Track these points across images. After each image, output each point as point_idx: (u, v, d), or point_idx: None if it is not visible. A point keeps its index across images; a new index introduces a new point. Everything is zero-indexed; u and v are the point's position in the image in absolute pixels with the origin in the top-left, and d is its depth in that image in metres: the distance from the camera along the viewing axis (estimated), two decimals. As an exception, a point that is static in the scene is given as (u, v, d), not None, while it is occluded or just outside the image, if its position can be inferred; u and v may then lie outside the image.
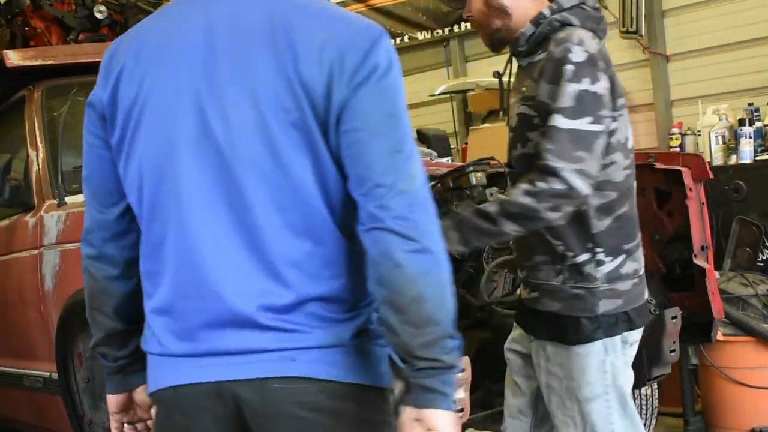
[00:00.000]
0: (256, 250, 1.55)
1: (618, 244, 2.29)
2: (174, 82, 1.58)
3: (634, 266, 2.33)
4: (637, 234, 2.35)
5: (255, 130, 1.53)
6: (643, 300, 2.36)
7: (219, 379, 1.57)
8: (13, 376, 3.88)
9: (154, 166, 1.60)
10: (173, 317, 1.61)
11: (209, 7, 1.60)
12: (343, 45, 1.51)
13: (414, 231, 1.48)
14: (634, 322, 2.32)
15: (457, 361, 1.55)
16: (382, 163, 1.50)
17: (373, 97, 1.51)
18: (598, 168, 2.18)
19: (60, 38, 5.10)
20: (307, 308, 1.55)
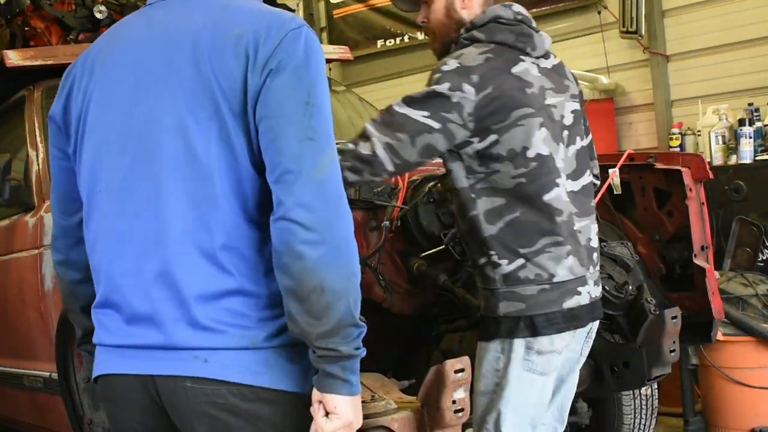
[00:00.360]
0: (170, 243, 1.60)
1: (512, 247, 2.33)
2: (109, 91, 1.68)
3: (538, 271, 2.33)
4: (539, 240, 2.33)
5: (173, 128, 1.59)
6: (557, 308, 2.34)
7: (140, 372, 1.63)
8: (13, 376, 3.88)
9: (91, 170, 1.69)
10: (107, 311, 1.69)
11: (151, 18, 1.70)
12: (258, 35, 1.57)
13: (317, 221, 1.51)
14: (537, 329, 2.33)
15: (357, 349, 1.58)
16: (292, 150, 1.53)
17: (287, 85, 1.54)
18: (412, 155, 2.26)
19: (60, 38, 5.09)
20: (222, 303, 1.58)
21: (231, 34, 1.58)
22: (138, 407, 1.67)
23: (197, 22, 1.64)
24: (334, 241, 1.52)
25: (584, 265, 2.42)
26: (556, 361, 2.39)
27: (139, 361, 1.64)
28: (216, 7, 1.66)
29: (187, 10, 1.68)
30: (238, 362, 1.58)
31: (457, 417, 2.28)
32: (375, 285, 3.19)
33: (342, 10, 8.67)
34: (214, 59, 1.58)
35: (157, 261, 1.61)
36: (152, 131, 1.62)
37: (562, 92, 2.45)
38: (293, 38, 1.58)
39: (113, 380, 1.70)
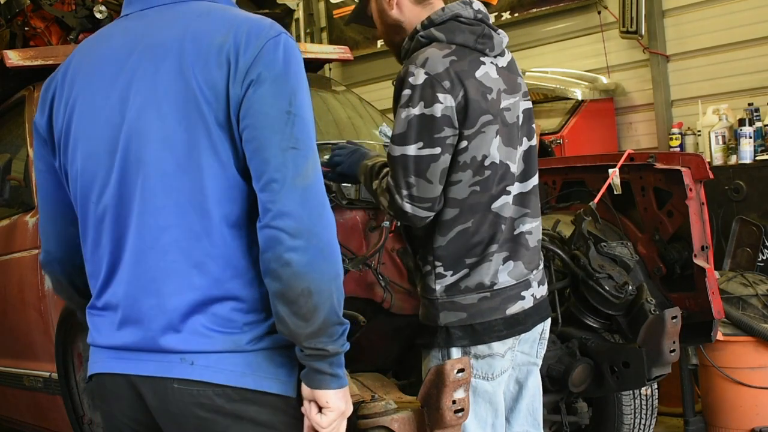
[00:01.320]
0: (159, 251, 1.64)
1: (458, 258, 2.31)
2: (92, 104, 1.70)
3: (479, 280, 2.31)
4: (484, 249, 2.31)
5: (160, 139, 1.62)
6: (499, 315, 2.32)
7: (128, 372, 1.69)
8: (13, 376, 3.88)
9: (82, 183, 1.72)
10: (102, 312, 1.75)
11: (129, 29, 1.73)
12: (239, 44, 1.60)
13: (302, 228, 1.56)
14: (477, 337, 2.32)
15: (343, 345, 1.65)
16: (276, 159, 1.57)
17: (269, 95, 1.58)
18: (434, 188, 2.24)
19: (60, 38, 5.10)
20: (209, 309, 1.63)
21: (213, 43, 1.62)
22: (128, 405, 1.73)
23: (178, 31, 1.66)
24: (319, 246, 1.58)
25: (529, 269, 2.39)
26: (498, 364, 2.36)
27: (128, 362, 1.69)
28: (194, 15, 1.69)
29: (165, 20, 1.70)
30: (223, 365, 1.64)
31: (457, 417, 2.28)
32: (375, 285, 3.19)
33: (342, 10, 8.67)
34: (197, 69, 1.61)
35: (147, 269, 1.66)
36: (140, 142, 1.65)
37: (515, 92, 2.39)
38: (272, 47, 1.61)
39: (105, 379, 1.76)
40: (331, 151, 2.69)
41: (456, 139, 2.25)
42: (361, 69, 8.01)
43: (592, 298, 3.14)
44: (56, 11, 5.04)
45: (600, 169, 3.55)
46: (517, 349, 2.44)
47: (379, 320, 3.17)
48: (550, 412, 3.35)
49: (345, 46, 5.08)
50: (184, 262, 1.63)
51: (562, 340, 3.22)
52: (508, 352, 2.38)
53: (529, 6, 7.06)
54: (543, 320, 2.47)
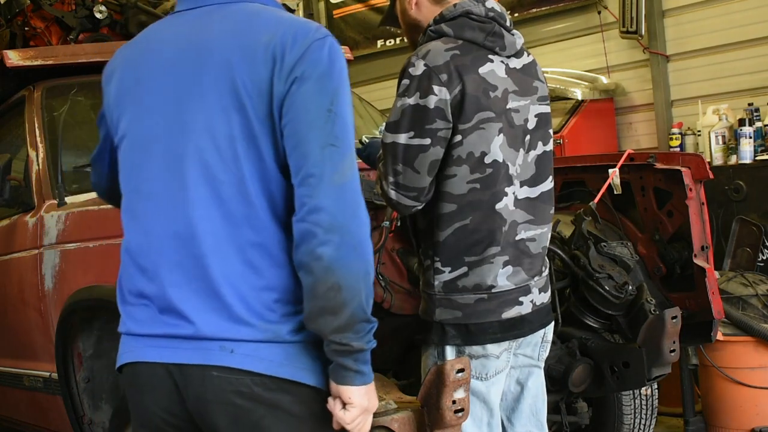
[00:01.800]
0: (204, 241, 1.69)
1: (457, 255, 2.32)
2: (141, 97, 1.78)
3: (478, 281, 2.31)
4: (485, 249, 2.31)
5: (204, 130, 1.68)
6: (494, 318, 2.33)
7: (168, 361, 1.71)
8: (13, 376, 3.88)
9: (130, 170, 1.81)
10: (141, 300, 1.77)
11: (179, 26, 1.80)
12: (285, 43, 1.65)
13: (336, 224, 1.61)
14: (472, 337, 2.32)
15: (368, 343, 1.70)
16: (315, 155, 1.62)
17: (312, 93, 1.63)
18: (421, 179, 2.26)
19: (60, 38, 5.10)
20: (251, 298, 1.67)
21: (259, 40, 1.67)
22: (164, 394, 1.75)
23: (226, 28, 1.72)
24: (352, 243, 1.62)
25: (530, 275, 2.39)
26: (492, 365, 2.37)
27: (168, 350, 1.72)
28: (243, 15, 1.74)
29: (215, 19, 1.76)
30: (262, 354, 1.67)
31: (457, 417, 2.28)
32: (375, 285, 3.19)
33: (342, 10, 8.67)
34: (242, 65, 1.66)
35: (190, 256, 1.70)
36: (184, 134, 1.71)
37: (529, 95, 2.39)
38: (318, 47, 1.66)
39: (140, 368, 1.78)
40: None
41: (449, 133, 2.26)
42: (361, 69, 8.01)
43: (592, 298, 3.14)
44: (56, 11, 5.04)
45: (600, 169, 3.55)
46: (518, 351, 2.44)
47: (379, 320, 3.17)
48: (550, 412, 3.34)
49: (345, 46, 5.07)
50: (228, 251, 1.67)
51: (562, 340, 3.22)
52: (504, 353, 2.38)
53: (529, 6, 7.07)
54: (543, 326, 2.47)
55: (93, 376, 3.34)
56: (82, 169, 3.69)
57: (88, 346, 3.32)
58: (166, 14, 2.31)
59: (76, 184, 3.60)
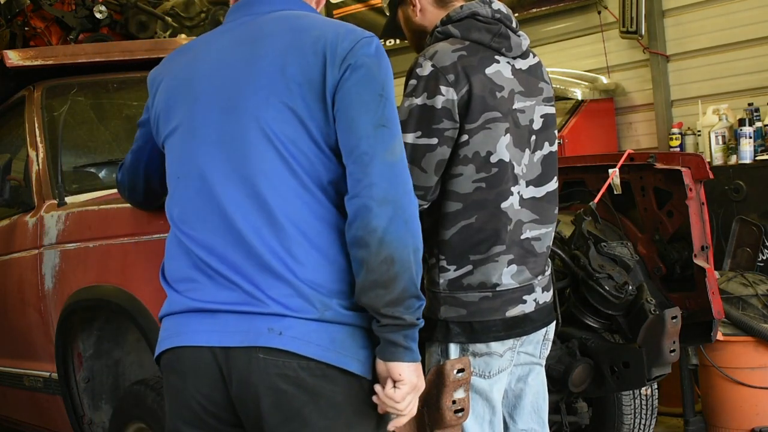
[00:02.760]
0: (248, 221, 1.74)
1: (462, 254, 2.32)
2: (194, 89, 1.85)
3: (482, 279, 2.32)
4: (490, 248, 2.32)
5: (254, 115, 1.76)
6: (498, 317, 2.33)
7: (213, 344, 1.73)
8: (13, 376, 3.87)
9: (180, 156, 1.86)
10: (194, 278, 1.80)
11: (227, 34, 1.89)
12: (337, 35, 1.77)
13: (390, 198, 1.69)
14: (474, 336, 2.33)
15: (418, 319, 1.74)
16: (368, 135, 1.71)
17: (364, 80, 1.74)
18: (428, 178, 2.28)
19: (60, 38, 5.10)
20: (302, 276, 1.71)
21: (309, 35, 1.78)
22: (207, 380, 1.76)
23: (275, 29, 1.82)
24: (404, 217, 1.71)
25: (534, 273, 2.40)
26: (496, 363, 2.37)
27: (215, 334, 1.73)
28: (290, 18, 1.85)
29: (261, 23, 1.85)
30: (310, 337, 1.70)
31: (457, 417, 2.28)
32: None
33: (342, 10, 8.68)
34: (291, 56, 1.76)
35: (236, 241, 1.74)
36: (238, 120, 1.78)
37: (534, 95, 2.40)
38: (367, 43, 1.78)
39: (184, 353, 1.78)
40: None
41: (456, 133, 2.27)
42: (361, 69, 8.00)
43: (592, 298, 3.14)
44: (56, 11, 5.05)
45: (600, 169, 3.55)
46: (520, 349, 2.44)
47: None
48: (551, 413, 3.34)
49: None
50: (283, 230, 1.72)
51: (562, 340, 3.22)
52: (508, 352, 2.39)
53: (529, 6, 7.07)
54: (545, 325, 2.48)
55: (93, 376, 3.34)
56: (82, 169, 3.69)
57: (88, 346, 3.32)
58: (166, 14, 2.32)
59: (76, 184, 3.60)
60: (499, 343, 2.35)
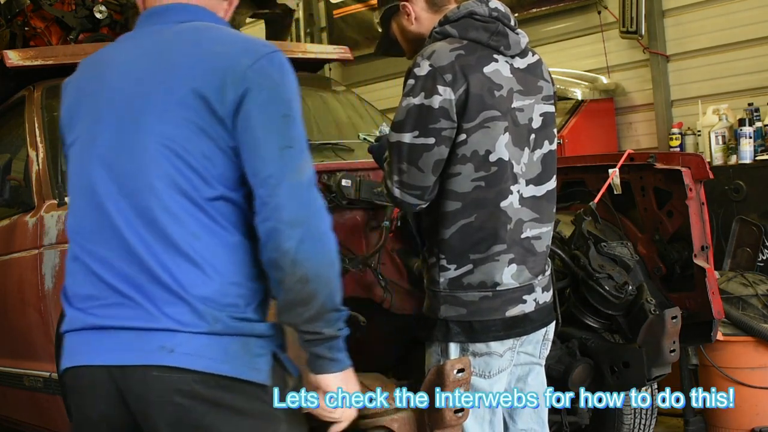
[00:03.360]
0: (144, 237, 1.74)
1: (462, 253, 2.33)
2: (97, 107, 1.85)
3: (482, 279, 2.32)
4: (490, 247, 2.32)
5: (154, 135, 1.75)
6: (498, 316, 2.34)
7: (108, 363, 1.75)
8: (13, 376, 3.88)
9: (79, 174, 1.86)
10: (88, 299, 1.81)
11: (134, 42, 1.90)
12: (236, 53, 1.76)
13: (299, 219, 1.69)
14: (473, 335, 2.33)
15: (340, 330, 1.77)
16: (274, 158, 1.71)
17: (267, 101, 1.73)
18: (425, 177, 2.28)
19: (60, 38, 5.09)
20: (192, 294, 1.72)
21: (210, 52, 1.76)
22: (105, 399, 1.78)
23: (179, 43, 1.81)
24: (315, 235, 1.71)
25: (534, 273, 2.40)
26: (496, 363, 2.37)
27: (108, 353, 1.76)
28: (194, 32, 1.83)
29: (167, 36, 1.84)
30: (202, 352, 1.72)
31: (457, 417, 2.28)
32: (375, 285, 3.19)
33: (342, 10, 8.67)
34: (191, 72, 1.74)
35: (128, 256, 1.75)
36: (135, 134, 1.77)
37: (533, 94, 2.40)
38: (268, 60, 1.76)
39: (81, 372, 1.81)
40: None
41: (454, 132, 2.28)
42: (361, 69, 8.01)
43: (592, 298, 3.14)
44: (56, 11, 5.04)
45: (600, 169, 3.55)
46: (519, 349, 2.44)
47: (379, 320, 3.17)
48: (551, 412, 3.34)
49: (345, 46, 5.07)
50: (173, 252, 1.73)
51: (562, 340, 3.22)
52: (508, 352, 2.39)
53: (529, 6, 7.07)
54: (545, 325, 2.48)
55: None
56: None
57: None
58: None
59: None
60: (498, 343, 2.35)
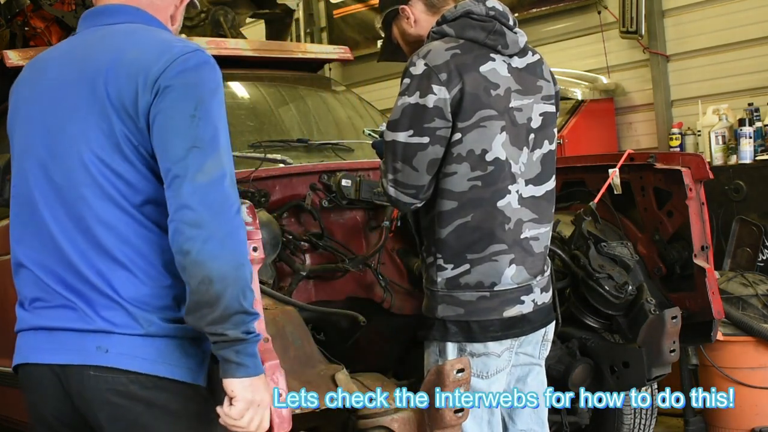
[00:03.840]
0: (77, 241, 1.78)
1: (459, 252, 2.33)
2: (30, 109, 1.88)
3: (480, 279, 2.32)
4: (487, 246, 2.32)
5: (81, 140, 1.78)
6: (496, 316, 2.34)
7: (48, 362, 1.80)
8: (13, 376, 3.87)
9: (18, 188, 1.90)
10: (35, 301, 1.86)
11: (68, 47, 1.92)
12: (151, 58, 1.76)
13: (200, 220, 1.68)
14: (471, 335, 2.33)
15: (247, 333, 1.72)
16: (180, 158, 1.71)
17: (175, 101, 1.73)
18: (420, 176, 2.29)
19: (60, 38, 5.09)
20: (121, 303, 1.74)
21: (128, 57, 1.77)
22: (52, 395, 1.83)
23: (102, 49, 1.83)
24: (218, 236, 1.69)
25: (532, 274, 2.39)
26: (493, 363, 2.37)
27: (51, 353, 1.80)
28: (120, 36, 1.84)
29: (96, 39, 1.87)
30: (136, 352, 1.74)
31: (457, 417, 2.28)
32: (375, 285, 3.19)
33: (342, 10, 8.67)
34: (110, 78, 1.77)
35: (63, 261, 1.79)
36: (63, 142, 1.81)
37: (532, 93, 2.40)
38: (183, 60, 1.75)
39: (29, 370, 1.87)
40: None
41: (449, 131, 2.28)
42: (361, 69, 8.00)
43: (592, 298, 3.14)
44: (56, 11, 5.04)
45: (600, 169, 3.55)
46: (518, 350, 2.44)
47: (379, 320, 3.17)
48: (551, 412, 3.34)
49: (345, 46, 5.07)
50: (97, 251, 1.77)
51: (562, 340, 3.22)
52: (506, 352, 2.39)
53: (529, 6, 7.06)
54: (543, 326, 2.48)
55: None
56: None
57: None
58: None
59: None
60: (496, 343, 2.35)
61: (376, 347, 3.26)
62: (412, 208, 2.36)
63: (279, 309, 2.55)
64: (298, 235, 3.17)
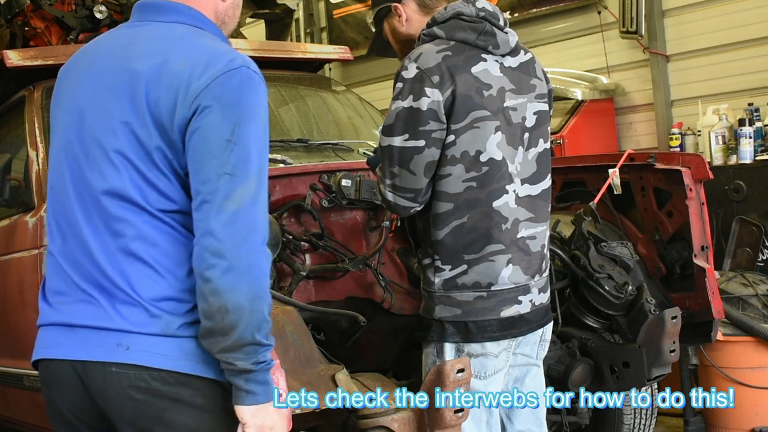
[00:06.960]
0: (107, 243, 1.78)
1: (456, 253, 2.33)
2: (71, 101, 1.88)
3: (477, 279, 2.32)
4: (484, 247, 2.32)
5: (104, 142, 1.77)
6: (493, 316, 2.34)
7: (68, 358, 1.79)
8: (13, 376, 3.87)
9: (55, 169, 1.90)
10: (57, 296, 1.87)
11: (114, 42, 1.89)
12: (194, 72, 1.72)
13: (223, 249, 1.67)
14: (469, 336, 2.34)
15: (257, 364, 1.72)
16: (210, 182, 1.70)
17: (213, 122, 1.70)
18: (417, 180, 2.29)
19: (60, 38, 5.10)
20: (144, 305, 1.74)
21: (171, 66, 1.74)
22: (71, 391, 1.82)
23: (146, 51, 1.80)
24: (239, 268, 1.68)
25: (529, 274, 2.39)
26: (491, 364, 2.37)
27: (72, 348, 1.80)
28: (166, 40, 1.81)
29: (141, 38, 1.84)
30: (157, 349, 1.74)
31: (457, 417, 2.28)
32: (375, 285, 3.19)
33: (342, 10, 8.67)
34: (150, 85, 1.74)
35: (90, 258, 1.79)
36: (97, 142, 1.80)
37: (526, 92, 2.40)
38: (227, 77, 1.72)
39: (49, 365, 1.86)
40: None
41: (444, 133, 2.28)
42: (361, 69, 8.01)
43: (592, 298, 3.14)
44: (56, 11, 5.04)
45: (600, 169, 3.55)
46: (516, 350, 2.44)
47: (379, 320, 3.17)
48: (550, 412, 3.35)
49: (345, 46, 5.07)
50: (121, 253, 1.76)
51: (562, 340, 3.22)
52: (503, 352, 2.39)
53: (529, 6, 7.06)
54: (541, 326, 2.48)
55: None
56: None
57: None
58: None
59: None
60: (494, 344, 2.35)
61: (376, 347, 3.26)
62: (411, 212, 2.36)
63: (279, 309, 2.54)
64: (298, 235, 3.17)
